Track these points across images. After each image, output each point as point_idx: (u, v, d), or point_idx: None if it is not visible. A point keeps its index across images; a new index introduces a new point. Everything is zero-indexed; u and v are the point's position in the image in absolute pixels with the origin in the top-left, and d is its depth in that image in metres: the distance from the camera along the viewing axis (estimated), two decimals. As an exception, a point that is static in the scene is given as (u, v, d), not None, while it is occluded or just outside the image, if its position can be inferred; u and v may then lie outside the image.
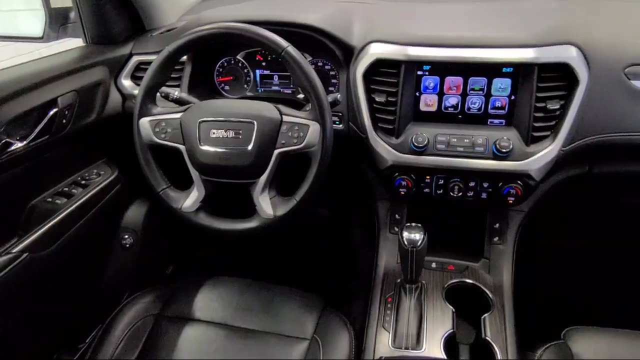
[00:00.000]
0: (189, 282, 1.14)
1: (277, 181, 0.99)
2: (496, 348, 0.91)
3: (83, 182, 1.19)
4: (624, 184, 1.15)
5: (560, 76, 0.96)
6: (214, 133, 0.94)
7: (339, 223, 1.77)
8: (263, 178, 0.95)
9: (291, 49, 0.91)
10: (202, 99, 1.04)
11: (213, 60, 1.23)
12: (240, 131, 0.94)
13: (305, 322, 1.03)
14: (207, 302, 1.08)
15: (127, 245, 1.37)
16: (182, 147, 0.97)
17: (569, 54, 0.94)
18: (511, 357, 0.89)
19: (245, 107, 0.96)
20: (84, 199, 1.15)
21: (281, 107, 0.97)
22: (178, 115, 0.97)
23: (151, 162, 0.99)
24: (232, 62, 1.23)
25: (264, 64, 1.22)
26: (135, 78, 1.23)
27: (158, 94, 1.03)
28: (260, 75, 1.23)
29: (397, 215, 1.16)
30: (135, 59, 1.23)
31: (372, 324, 0.97)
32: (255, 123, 0.93)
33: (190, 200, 0.99)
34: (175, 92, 1.06)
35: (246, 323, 1.03)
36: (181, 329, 1.02)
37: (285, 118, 0.94)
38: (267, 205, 0.96)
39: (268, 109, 0.95)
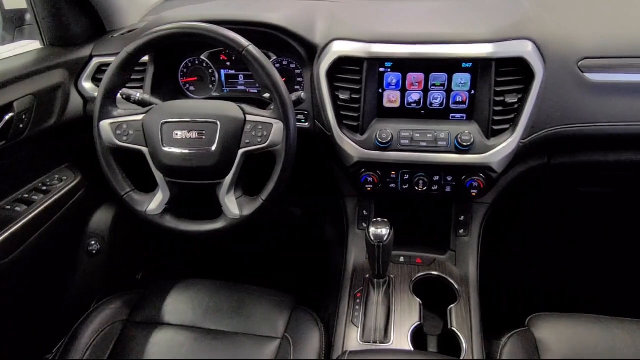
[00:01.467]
0: (158, 287, 1.13)
1: (243, 181, 0.99)
2: (462, 337, 0.92)
3: (44, 188, 1.16)
4: (581, 174, 1.19)
5: (517, 70, 0.98)
6: (177, 134, 0.93)
7: (312, 221, 1.78)
8: (228, 178, 0.95)
9: (252, 48, 0.91)
10: (166, 101, 1.03)
11: (177, 60, 1.22)
12: (204, 132, 0.93)
13: (276, 321, 1.03)
14: (176, 305, 1.07)
15: (94, 252, 1.34)
16: (144, 150, 0.96)
17: (525, 49, 0.97)
18: (476, 345, 0.91)
19: (208, 108, 0.96)
20: (45, 205, 1.11)
21: (244, 106, 0.96)
22: (140, 117, 0.96)
23: (113, 165, 0.98)
24: (196, 62, 1.21)
25: (228, 63, 1.21)
26: (96, 80, 1.20)
27: (119, 96, 1.01)
28: (226, 75, 1.22)
29: (365, 211, 1.17)
30: (95, 61, 1.20)
31: (341, 320, 0.98)
32: (219, 123, 0.93)
33: (155, 203, 0.98)
34: (138, 94, 1.04)
35: (216, 325, 1.02)
36: (150, 334, 1.01)
37: (248, 117, 0.94)
38: (233, 205, 0.96)
39: (231, 109, 0.95)
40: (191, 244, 1.58)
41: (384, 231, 0.92)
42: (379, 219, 0.95)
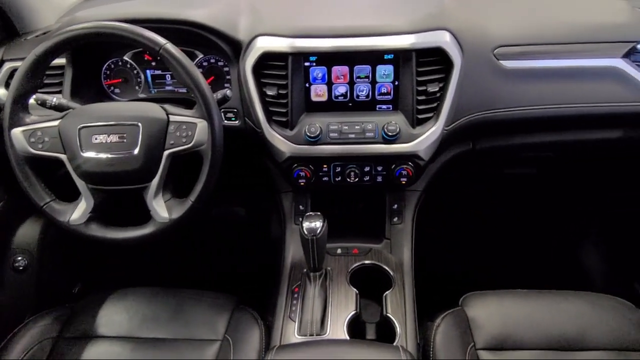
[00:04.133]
0: (91, 299, 1.08)
1: (171, 183, 0.96)
2: (396, 322, 0.95)
3: None
4: (504, 157, 1.25)
5: (437, 60, 1.02)
6: (96, 139, 0.90)
7: (256, 219, 1.77)
8: (155, 181, 0.92)
9: (170, 46, 0.89)
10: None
11: (99, 62, 1.17)
12: (125, 135, 0.90)
13: (217, 323, 1.01)
14: (111, 316, 1.03)
15: (21, 268, 1.26)
16: (63, 157, 0.91)
17: (443, 39, 1.00)
18: (410, 329, 0.94)
19: (128, 109, 0.92)
20: None
21: (167, 106, 0.94)
22: (55, 123, 0.91)
23: (30, 175, 0.92)
24: (120, 63, 1.17)
25: (153, 63, 1.17)
26: (9, 86, 1.13)
27: (33, 101, 0.96)
28: (152, 75, 1.18)
29: (300, 206, 1.18)
30: (7, 66, 1.13)
31: (279, 316, 0.98)
32: (140, 125, 0.90)
33: (78, 212, 0.94)
34: (54, 99, 0.98)
35: (154, 332, 1.00)
36: (83, 348, 0.96)
37: (172, 118, 0.92)
38: (162, 209, 0.93)
39: (153, 110, 0.92)
40: (130, 251, 1.53)
41: (317, 224, 0.93)
42: (312, 213, 0.96)
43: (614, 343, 0.90)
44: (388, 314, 0.97)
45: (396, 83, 1.03)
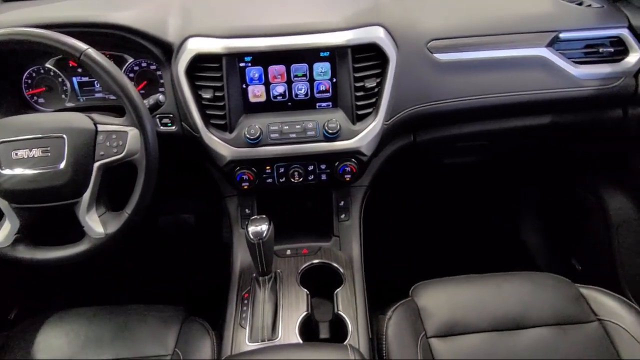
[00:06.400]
0: (28, 324, 1.01)
1: (105, 196, 0.91)
2: (347, 320, 0.95)
3: None
4: (444, 147, 1.28)
5: (372, 56, 1.02)
6: (17, 154, 0.83)
7: (206, 226, 1.72)
8: (86, 195, 0.87)
9: (91, 52, 0.84)
10: (9, 117, 0.91)
11: (18, 71, 1.09)
12: (49, 148, 0.84)
13: (166, 337, 0.97)
14: (49, 341, 0.96)
15: (-54, 297, 1.16)
16: None
17: (377, 35, 1.01)
18: (361, 325, 0.94)
19: (50, 121, 0.87)
20: None
21: (95, 115, 0.89)
22: None
23: None
24: (42, 71, 1.09)
25: (80, 70, 1.11)
26: None
27: None
28: (79, 82, 1.12)
29: (246, 210, 1.15)
30: None
31: (229, 325, 0.96)
32: (65, 137, 0.85)
33: (2, 234, 0.87)
34: None
35: (98, 354, 0.94)
36: (19, 379, 0.90)
37: (100, 127, 0.87)
38: (96, 224, 0.88)
39: (79, 120, 0.87)
40: (69, 270, 1.45)
41: (262, 228, 0.91)
42: (257, 217, 0.94)
43: (553, 318, 0.95)
44: (339, 312, 0.97)
45: (334, 80, 1.03)
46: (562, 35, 1.10)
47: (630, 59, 1.11)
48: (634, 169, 1.19)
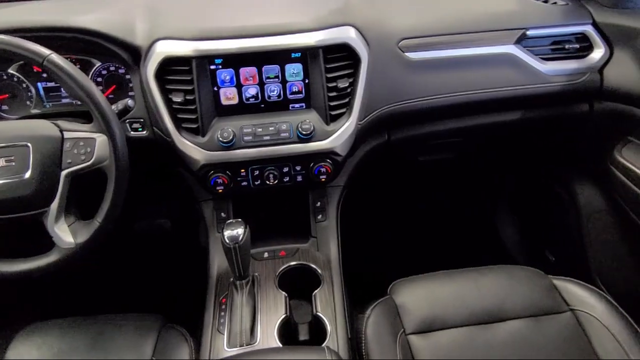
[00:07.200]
0: None
1: (75, 205, 0.89)
2: (326, 320, 0.95)
3: None
4: (417, 145, 1.29)
5: (344, 56, 1.02)
6: None
7: (183, 231, 1.70)
8: (54, 205, 0.85)
9: (54, 57, 0.81)
10: None
11: None
12: (13, 157, 0.81)
13: (143, 346, 0.95)
14: (20, 356, 0.93)
15: None
16: None
17: (348, 35, 1.01)
18: (340, 326, 0.94)
19: (13, 129, 0.84)
20: None
21: (61, 122, 0.86)
22: None
23: None
24: (4, 77, 1.06)
25: (45, 75, 1.07)
26: None
27: None
28: (44, 88, 1.08)
29: (222, 214, 1.14)
30: None
31: (207, 331, 0.94)
32: (30, 145, 0.82)
33: (-35, 247, 0.84)
34: None
35: None
36: (-11, 397, 0.87)
37: (66, 134, 0.85)
38: (65, 234, 0.86)
39: (44, 127, 0.84)
40: (42, 281, 1.40)
41: (238, 231, 0.90)
42: (232, 220, 0.93)
43: (528, 310, 0.97)
44: (318, 313, 0.97)
45: (306, 81, 1.02)
46: (529, 33, 1.12)
47: (595, 55, 1.15)
48: (602, 162, 1.22)
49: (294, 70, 1.01)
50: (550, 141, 1.44)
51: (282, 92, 1.03)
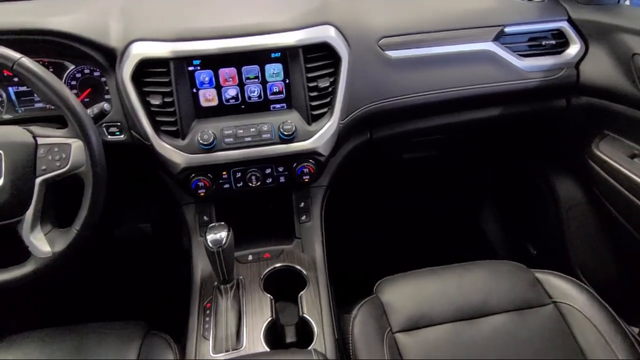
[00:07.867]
0: None
1: (51, 213, 0.86)
2: (312, 321, 0.94)
3: None
4: (401, 143, 1.30)
5: (324, 55, 1.02)
6: None
7: (165, 235, 1.67)
8: (29, 213, 0.82)
9: (25, 61, 0.79)
10: None
11: None
12: None
13: (126, 354, 0.93)
14: (-3, 371, 0.91)
15: None
16: None
17: (328, 34, 1.00)
18: (327, 326, 0.94)
19: None
20: None
21: (34, 128, 0.84)
22: None
23: None
24: None
25: (16, 79, 1.04)
26: None
27: None
28: (16, 92, 1.05)
29: (205, 217, 1.12)
30: None
31: (192, 336, 0.93)
32: (2, 152, 0.79)
33: (-63, 259, 0.81)
34: None
35: None
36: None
37: (40, 140, 0.82)
38: (42, 242, 0.83)
39: (16, 133, 0.82)
40: (18, 292, 1.36)
41: (222, 235, 0.89)
42: (215, 224, 0.91)
43: (512, 304, 0.98)
44: (304, 314, 0.96)
45: (287, 81, 1.01)
46: (507, 30, 1.14)
47: (571, 51, 1.16)
48: (580, 156, 1.24)
49: (274, 71, 1.00)
50: (529, 136, 1.46)
51: (262, 93, 1.02)
